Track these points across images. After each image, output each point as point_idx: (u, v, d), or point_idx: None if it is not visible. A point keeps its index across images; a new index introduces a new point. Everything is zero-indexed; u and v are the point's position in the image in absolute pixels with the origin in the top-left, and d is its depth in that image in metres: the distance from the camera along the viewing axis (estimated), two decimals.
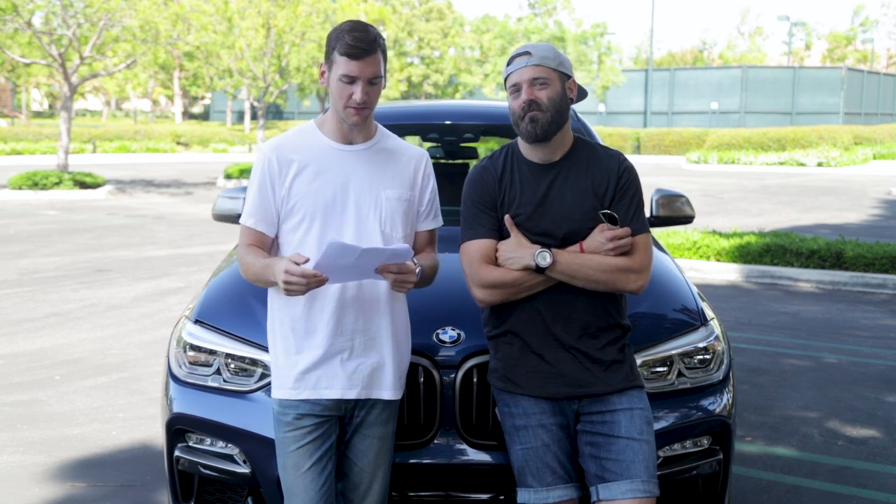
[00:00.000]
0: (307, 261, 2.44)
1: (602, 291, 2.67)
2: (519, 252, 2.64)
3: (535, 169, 2.74)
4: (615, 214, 2.68)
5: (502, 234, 2.73)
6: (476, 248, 2.71)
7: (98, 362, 6.32)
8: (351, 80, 2.54)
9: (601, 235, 2.65)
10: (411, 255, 2.53)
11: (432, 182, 2.81)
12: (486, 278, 2.66)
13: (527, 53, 2.67)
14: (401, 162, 2.73)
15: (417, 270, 2.57)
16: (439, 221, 2.85)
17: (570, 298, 2.67)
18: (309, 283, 2.43)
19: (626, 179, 2.73)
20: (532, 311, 2.68)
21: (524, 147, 2.76)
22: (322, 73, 2.63)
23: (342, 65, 2.54)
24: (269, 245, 2.70)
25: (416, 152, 2.78)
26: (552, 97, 2.65)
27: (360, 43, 2.52)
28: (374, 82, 2.57)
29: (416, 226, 2.78)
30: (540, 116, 2.64)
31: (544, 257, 2.61)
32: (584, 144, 2.80)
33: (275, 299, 2.70)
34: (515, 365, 2.71)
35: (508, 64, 2.71)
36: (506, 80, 2.72)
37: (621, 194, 2.71)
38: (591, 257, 2.63)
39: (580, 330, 2.68)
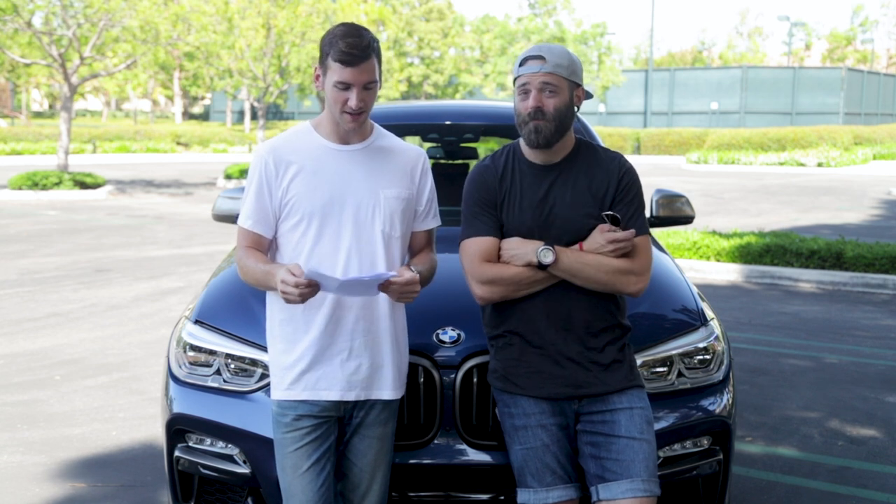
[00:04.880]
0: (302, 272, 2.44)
1: (602, 292, 2.68)
2: (522, 248, 2.65)
3: (536, 170, 2.74)
4: (618, 216, 2.68)
5: (503, 233, 2.73)
6: (476, 245, 2.71)
7: (98, 362, 6.32)
8: (346, 87, 2.53)
9: (601, 236, 2.65)
10: (391, 276, 2.51)
11: (430, 181, 2.80)
12: (486, 274, 2.66)
13: (541, 58, 2.64)
14: (398, 161, 2.73)
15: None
16: (438, 221, 2.85)
17: (570, 298, 2.67)
18: (303, 294, 2.43)
19: (626, 181, 2.73)
20: (533, 310, 2.68)
21: (526, 148, 2.76)
22: (317, 77, 2.62)
23: (336, 71, 2.52)
24: (266, 246, 2.70)
25: (413, 151, 2.78)
26: (559, 107, 2.64)
27: (353, 49, 2.50)
28: (369, 87, 2.56)
29: (413, 225, 2.78)
30: (544, 127, 2.63)
31: (547, 254, 2.61)
32: (586, 146, 2.80)
33: (273, 300, 2.70)
34: (515, 365, 2.71)
35: (521, 64, 2.68)
36: (515, 78, 2.70)
37: (622, 196, 2.71)
38: (594, 257, 2.63)
39: (581, 330, 2.68)
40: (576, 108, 2.72)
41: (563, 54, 2.67)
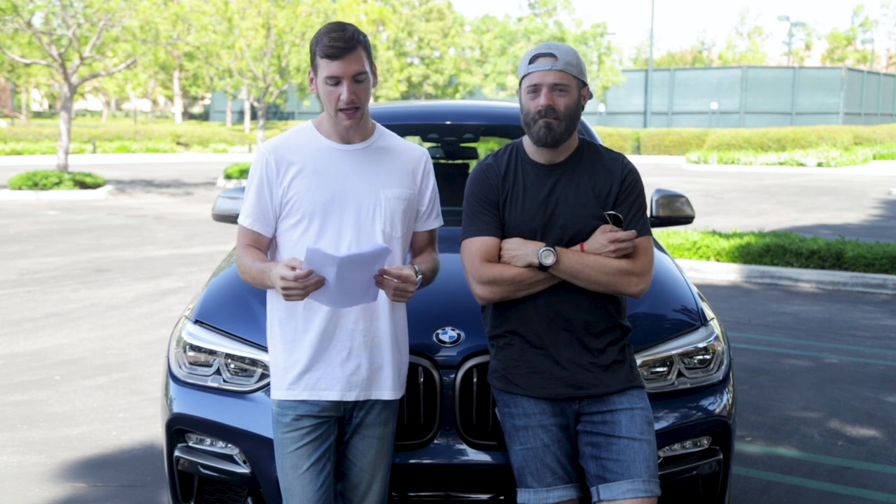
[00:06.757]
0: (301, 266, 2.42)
1: (603, 293, 2.68)
2: (523, 249, 2.64)
3: (539, 169, 2.73)
4: (620, 215, 2.68)
5: (504, 232, 2.73)
6: (477, 245, 2.70)
7: (98, 362, 6.32)
8: (336, 82, 2.54)
9: (603, 237, 2.65)
10: (389, 253, 2.49)
11: (432, 181, 2.80)
12: (487, 274, 2.66)
13: (552, 56, 2.64)
14: (400, 161, 2.73)
15: (418, 279, 2.57)
16: (440, 221, 2.85)
17: (571, 299, 2.67)
18: (306, 287, 2.42)
19: (629, 182, 2.73)
20: (533, 311, 2.68)
21: (529, 147, 2.75)
22: (311, 80, 2.63)
23: (325, 67, 2.53)
24: (266, 245, 2.70)
25: (415, 151, 2.78)
26: (569, 105, 2.64)
27: (337, 42, 2.51)
28: (360, 80, 2.55)
29: (415, 226, 2.78)
30: (556, 125, 2.63)
31: (548, 255, 2.61)
32: (589, 146, 2.80)
33: (274, 300, 2.70)
34: (516, 365, 2.71)
35: (530, 62, 2.67)
36: (523, 77, 2.68)
37: (624, 196, 2.71)
38: (595, 258, 2.63)
39: (581, 330, 2.68)
40: (582, 107, 2.72)
41: (572, 53, 2.67)
